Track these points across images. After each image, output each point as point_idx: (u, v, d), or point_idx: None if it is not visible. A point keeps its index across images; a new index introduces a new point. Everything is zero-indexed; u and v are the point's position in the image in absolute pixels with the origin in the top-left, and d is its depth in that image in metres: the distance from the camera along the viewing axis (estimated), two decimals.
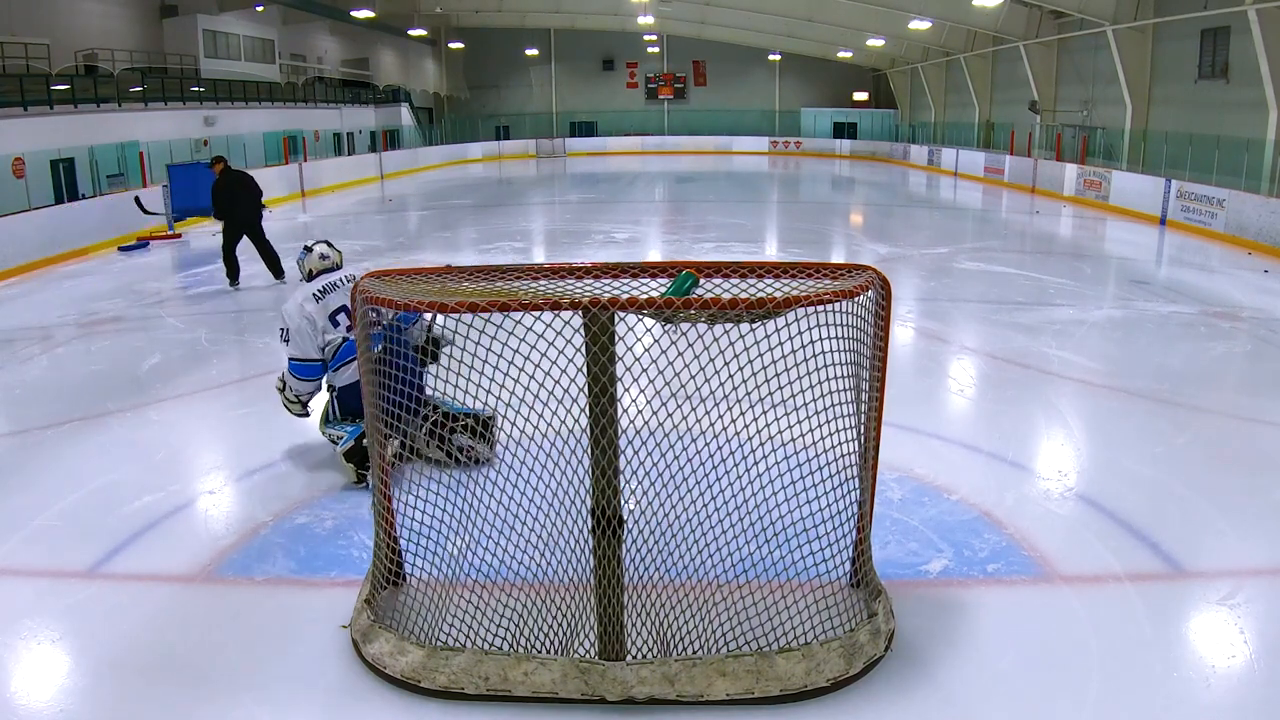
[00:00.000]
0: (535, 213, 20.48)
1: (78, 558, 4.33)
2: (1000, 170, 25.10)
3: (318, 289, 5.32)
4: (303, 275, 5.52)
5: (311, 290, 5.32)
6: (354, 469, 5.10)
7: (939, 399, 6.86)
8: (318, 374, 5.33)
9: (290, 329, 5.27)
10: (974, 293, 10.81)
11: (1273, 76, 15.74)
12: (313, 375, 5.33)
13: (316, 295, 5.29)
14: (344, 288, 5.37)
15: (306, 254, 5.53)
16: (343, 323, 5.30)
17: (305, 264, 5.50)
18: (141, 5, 25.56)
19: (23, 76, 18.33)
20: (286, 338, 5.30)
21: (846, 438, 3.47)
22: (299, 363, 5.29)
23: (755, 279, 3.33)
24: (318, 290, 5.31)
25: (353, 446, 5.10)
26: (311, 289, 5.33)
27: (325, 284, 5.36)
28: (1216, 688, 3.31)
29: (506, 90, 43.86)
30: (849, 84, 41.76)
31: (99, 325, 9.40)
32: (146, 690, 3.33)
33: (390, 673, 3.34)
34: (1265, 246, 13.42)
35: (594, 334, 3.07)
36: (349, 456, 5.11)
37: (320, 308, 5.28)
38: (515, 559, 3.47)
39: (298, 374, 5.32)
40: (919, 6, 25.07)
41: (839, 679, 3.28)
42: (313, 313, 5.25)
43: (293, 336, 5.27)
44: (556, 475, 3.29)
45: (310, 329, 5.24)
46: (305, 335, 5.25)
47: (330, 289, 5.35)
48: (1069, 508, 4.79)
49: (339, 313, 5.30)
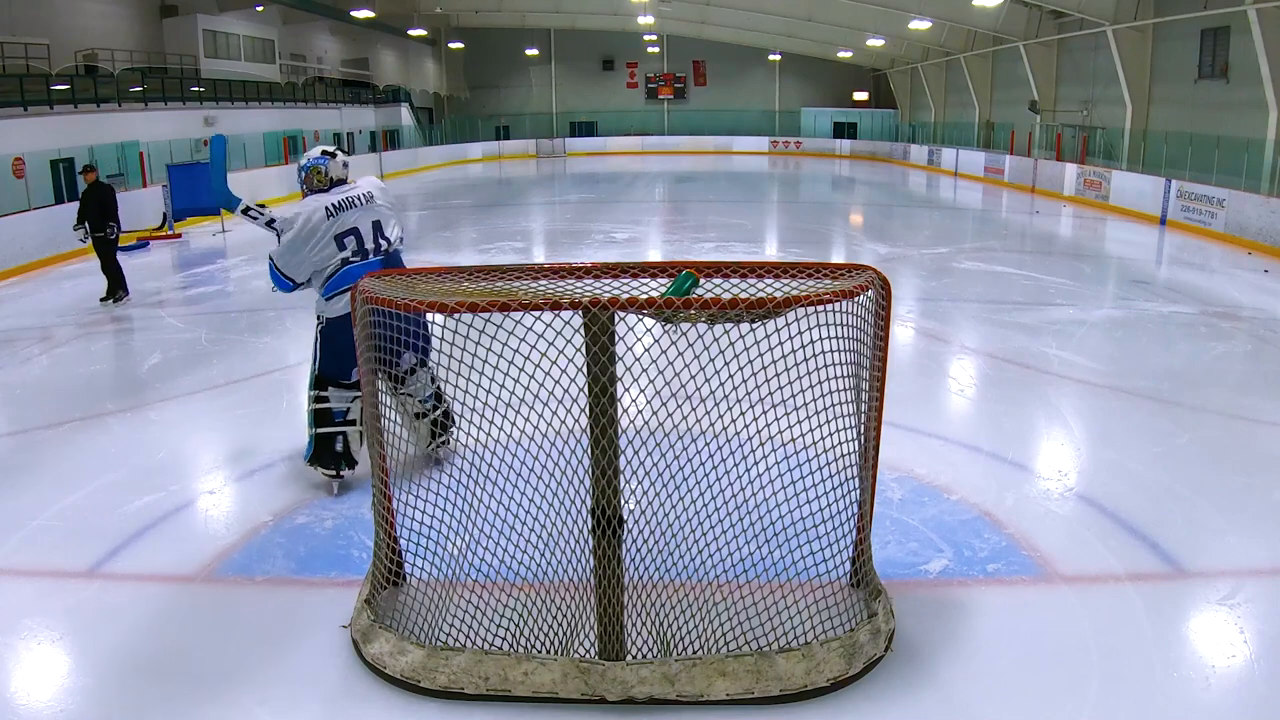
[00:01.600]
0: (535, 213, 20.48)
1: (78, 558, 4.33)
2: (1000, 170, 25.10)
3: (332, 203, 4.86)
4: (317, 183, 5.00)
5: (326, 202, 4.86)
6: (321, 472, 5.02)
7: (939, 399, 6.86)
8: (286, 289, 4.98)
9: (286, 236, 4.84)
10: (974, 293, 10.81)
11: (1273, 76, 15.73)
12: (282, 288, 4.98)
13: (330, 210, 4.84)
14: (361, 208, 4.93)
15: (329, 159, 5.03)
16: (349, 246, 4.88)
17: (329, 171, 5.00)
18: (141, 5, 25.54)
19: (23, 76, 18.32)
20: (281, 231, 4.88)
21: (846, 438, 3.48)
22: (277, 273, 4.93)
23: (755, 279, 3.33)
24: (332, 204, 4.85)
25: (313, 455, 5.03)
26: (327, 200, 4.86)
27: (342, 198, 4.90)
28: (1216, 688, 3.31)
29: (506, 90, 43.84)
30: (849, 84, 41.75)
31: (99, 325, 9.39)
32: (146, 690, 3.34)
33: (390, 673, 3.34)
34: (1265, 246, 13.42)
35: (594, 334, 3.07)
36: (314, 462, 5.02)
37: (333, 224, 4.83)
38: (515, 559, 3.47)
39: (271, 278, 4.99)
40: (919, 6, 25.05)
41: (839, 679, 3.28)
42: (321, 227, 4.81)
43: (286, 242, 4.84)
44: (556, 475, 3.29)
45: (308, 243, 4.80)
46: (298, 247, 4.82)
47: (347, 205, 4.88)
48: (1069, 508, 4.79)
49: (348, 235, 4.87)
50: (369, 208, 4.98)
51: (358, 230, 4.91)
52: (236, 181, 21.15)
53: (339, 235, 4.85)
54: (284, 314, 9.45)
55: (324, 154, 5.07)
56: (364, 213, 4.96)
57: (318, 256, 4.85)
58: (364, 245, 4.94)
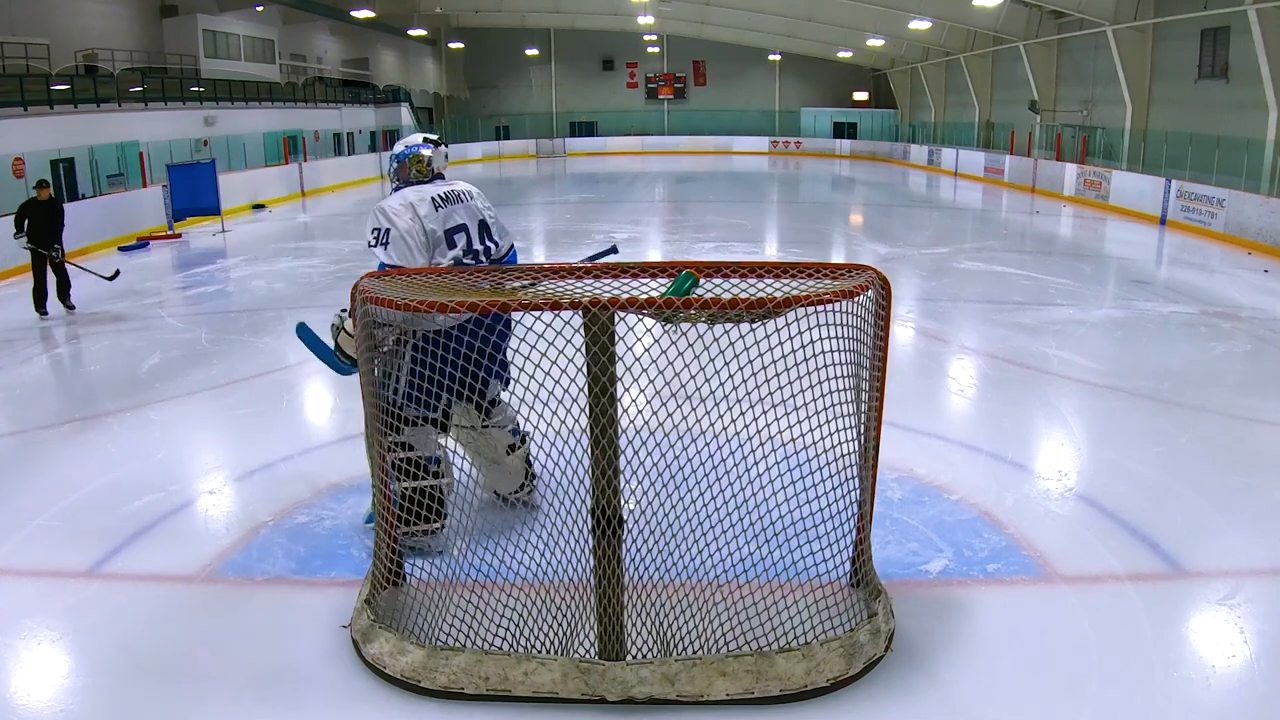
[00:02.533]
0: (535, 212, 20.47)
1: (78, 558, 4.32)
2: (1000, 170, 25.10)
3: (440, 194, 4.18)
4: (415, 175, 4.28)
5: (431, 193, 4.17)
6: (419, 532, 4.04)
7: (939, 399, 6.86)
8: None
9: (391, 231, 4.01)
10: (974, 293, 10.81)
11: (1273, 76, 15.74)
12: None
13: (437, 201, 4.14)
14: (468, 204, 4.27)
15: (433, 148, 4.31)
16: (459, 244, 4.18)
17: (432, 161, 4.29)
18: (141, 5, 25.54)
19: (23, 76, 18.31)
20: (383, 240, 3.99)
21: (846, 438, 3.48)
22: None
23: (755, 279, 3.33)
24: (439, 195, 4.17)
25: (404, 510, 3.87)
26: (430, 190, 4.19)
27: (447, 190, 4.22)
28: (1216, 688, 3.31)
29: (506, 90, 43.85)
30: (849, 84, 41.75)
31: (99, 325, 9.40)
32: (146, 690, 3.33)
33: (390, 673, 3.34)
34: (1265, 246, 13.42)
35: (594, 334, 3.07)
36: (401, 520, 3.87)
37: (440, 217, 4.13)
38: (515, 559, 3.47)
39: None
40: (919, 6, 25.06)
41: (839, 679, 3.28)
42: (430, 219, 4.09)
43: (395, 241, 3.99)
44: (556, 475, 3.29)
45: (420, 235, 4.04)
46: (414, 239, 4.01)
47: (454, 199, 4.21)
48: (1069, 508, 4.79)
49: (458, 232, 4.18)
50: (471, 205, 4.32)
51: (466, 228, 4.24)
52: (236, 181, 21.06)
53: (449, 231, 4.17)
54: (284, 314, 9.46)
55: (427, 141, 4.37)
56: (469, 210, 4.30)
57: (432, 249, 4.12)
58: (472, 245, 4.27)
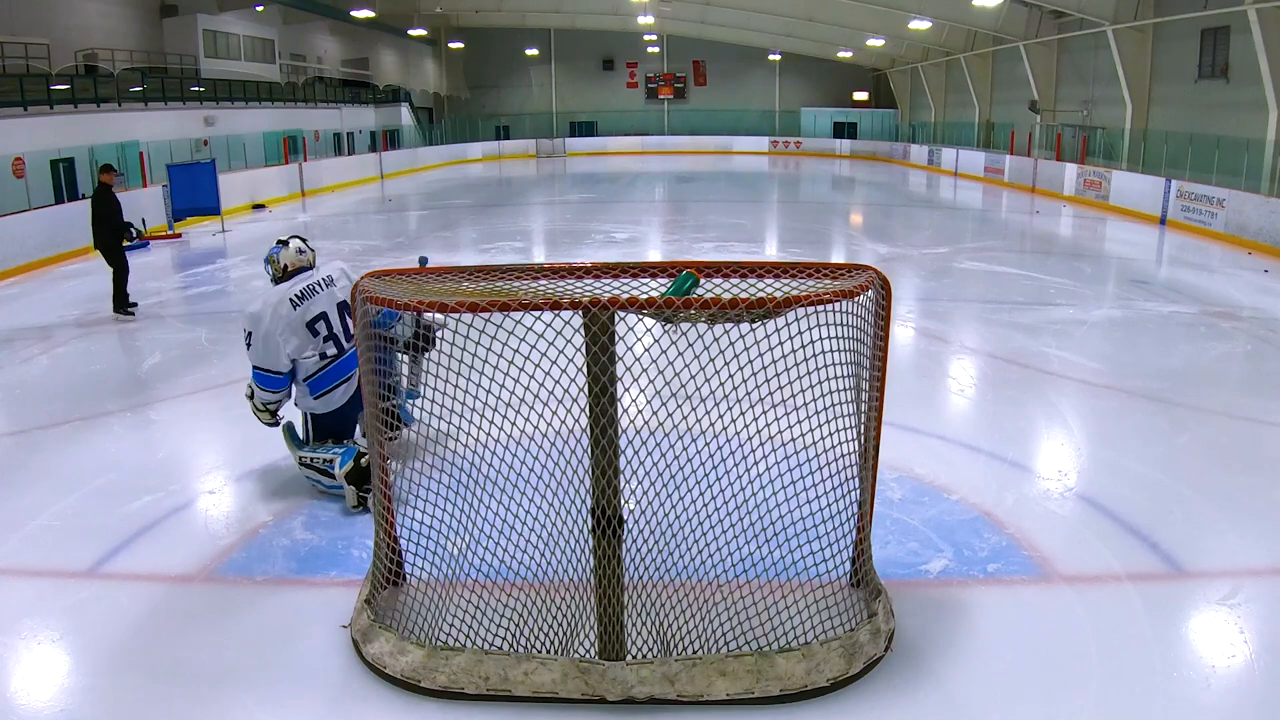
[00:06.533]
0: (535, 213, 20.48)
1: (78, 558, 4.33)
2: (1000, 170, 25.10)
3: (295, 293, 4.88)
4: (274, 274, 5.03)
5: (288, 294, 4.87)
6: (355, 491, 4.75)
7: (939, 399, 6.86)
8: (283, 385, 4.95)
9: (256, 334, 4.80)
10: (974, 293, 10.81)
11: (1273, 76, 15.73)
12: (278, 387, 4.94)
13: (294, 300, 4.85)
14: (324, 292, 4.94)
15: (281, 248, 5.04)
16: (322, 332, 4.90)
17: (280, 259, 5.01)
18: (141, 5, 25.54)
19: (23, 76, 18.32)
20: (249, 342, 4.84)
21: (846, 438, 3.48)
22: (262, 373, 4.89)
23: (755, 279, 3.33)
24: (295, 295, 4.87)
25: (352, 467, 4.75)
26: (287, 292, 4.88)
27: (303, 287, 4.91)
28: (1216, 688, 3.31)
29: (506, 90, 43.85)
30: (849, 84, 41.75)
31: (99, 325, 9.39)
32: (146, 690, 3.34)
33: (390, 673, 3.34)
34: (1265, 246, 13.42)
35: (594, 334, 3.07)
36: (350, 478, 4.75)
37: (298, 315, 4.84)
38: (515, 559, 3.47)
39: (260, 384, 4.94)
40: (919, 6, 25.06)
41: (839, 679, 3.28)
42: (288, 319, 4.82)
43: (257, 343, 4.81)
44: (556, 475, 3.29)
45: (280, 338, 4.80)
46: (273, 344, 4.80)
47: (309, 294, 4.90)
48: (1069, 508, 4.79)
49: (318, 321, 4.89)
50: (330, 291, 4.98)
51: (325, 315, 4.91)
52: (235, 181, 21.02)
53: (310, 322, 4.86)
54: None
55: (278, 243, 5.10)
56: (328, 297, 4.96)
57: (291, 346, 4.84)
58: (333, 330, 4.95)
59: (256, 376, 4.95)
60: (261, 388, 4.97)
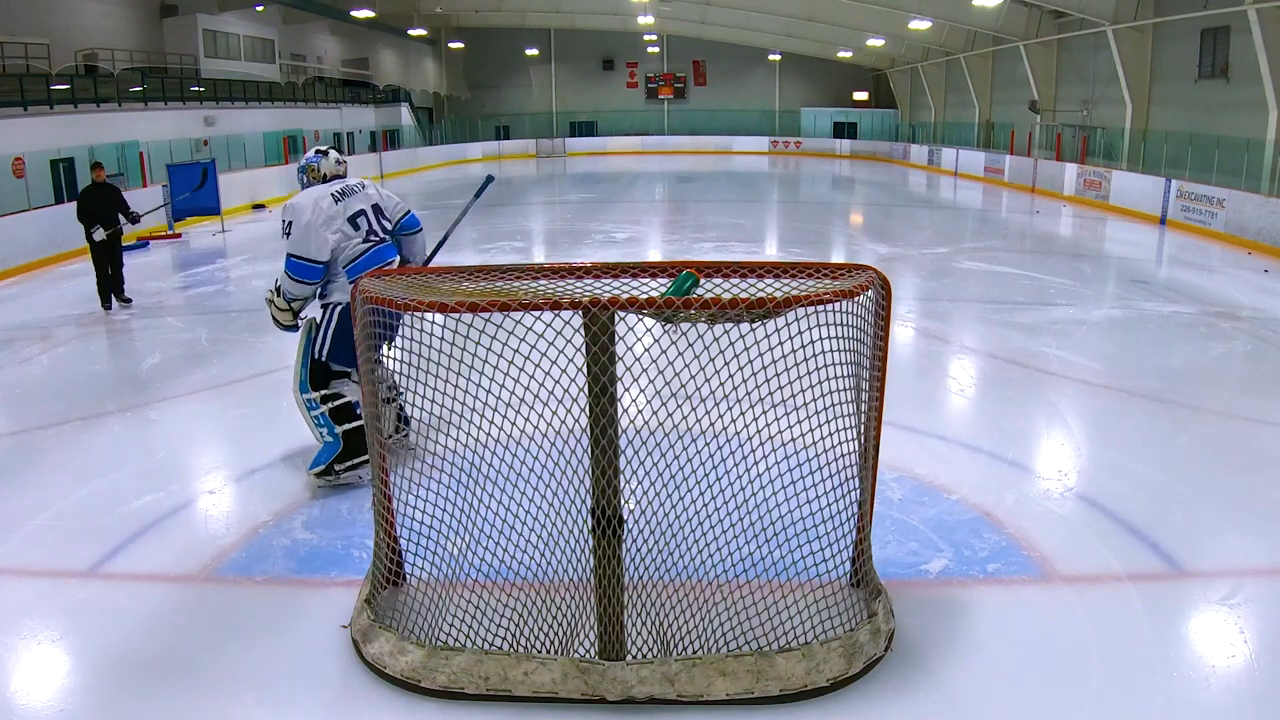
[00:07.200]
0: (535, 213, 20.48)
1: (78, 558, 4.33)
2: (1000, 170, 25.10)
3: (335, 190, 5.06)
4: (311, 180, 5.22)
5: (329, 190, 5.04)
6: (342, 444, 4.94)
7: (939, 399, 6.86)
8: (316, 277, 5.01)
9: (297, 223, 4.91)
10: (974, 293, 10.81)
11: (1273, 76, 15.73)
12: (311, 278, 5.01)
13: (336, 195, 5.03)
14: (361, 193, 5.15)
15: (321, 158, 5.24)
16: (363, 226, 5.09)
17: (320, 167, 5.20)
18: (141, 5, 25.55)
19: (23, 76, 18.33)
20: (289, 231, 4.94)
21: (846, 438, 3.47)
22: (299, 261, 4.95)
23: (755, 279, 3.33)
24: (336, 191, 5.05)
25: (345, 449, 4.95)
26: (327, 189, 5.06)
27: (342, 187, 5.11)
28: (1216, 688, 3.31)
29: (506, 90, 43.86)
30: (849, 84, 41.76)
31: (99, 325, 9.40)
32: (146, 690, 3.33)
33: (390, 672, 3.34)
34: (1265, 246, 13.42)
35: (594, 334, 3.07)
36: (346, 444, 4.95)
37: (340, 208, 5.02)
38: (515, 559, 3.47)
39: (294, 274, 4.99)
40: (919, 6, 25.06)
41: (839, 679, 3.28)
42: (330, 211, 4.96)
43: (298, 231, 4.91)
44: (556, 475, 3.29)
45: (322, 227, 4.93)
46: (314, 231, 4.91)
47: (349, 192, 5.10)
48: (1069, 508, 4.79)
49: (359, 216, 5.08)
50: (364, 193, 5.21)
51: (365, 212, 5.12)
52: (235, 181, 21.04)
53: (352, 216, 5.06)
54: None
55: (316, 152, 5.30)
56: (364, 197, 5.18)
57: (335, 235, 4.98)
58: (372, 227, 5.17)
59: (291, 265, 4.98)
60: (294, 277, 5.01)
